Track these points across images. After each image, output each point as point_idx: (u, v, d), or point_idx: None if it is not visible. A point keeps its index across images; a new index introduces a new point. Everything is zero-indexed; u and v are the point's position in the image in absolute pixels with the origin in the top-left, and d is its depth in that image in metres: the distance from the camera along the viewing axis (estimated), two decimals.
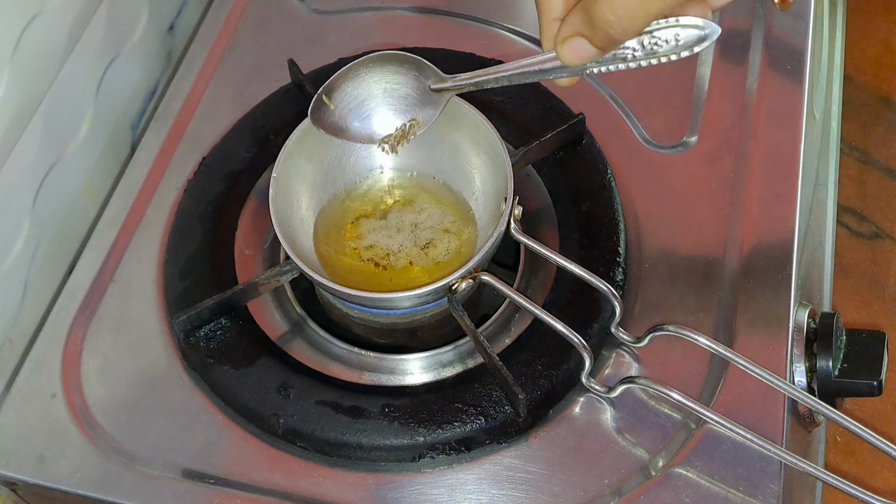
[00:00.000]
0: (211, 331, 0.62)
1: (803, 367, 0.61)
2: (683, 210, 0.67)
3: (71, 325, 0.65)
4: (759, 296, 0.63)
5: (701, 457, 0.57)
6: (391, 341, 0.65)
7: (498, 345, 0.62)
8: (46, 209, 0.68)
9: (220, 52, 0.78)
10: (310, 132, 0.63)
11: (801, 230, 0.66)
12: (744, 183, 0.68)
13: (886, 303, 0.94)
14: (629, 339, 0.61)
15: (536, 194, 0.68)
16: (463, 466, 0.58)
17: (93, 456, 0.59)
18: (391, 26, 0.79)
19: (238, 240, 0.67)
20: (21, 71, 0.63)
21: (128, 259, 0.67)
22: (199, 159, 0.71)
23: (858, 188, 1.01)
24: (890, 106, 1.05)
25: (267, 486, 0.58)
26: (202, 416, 0.61)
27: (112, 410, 0.61)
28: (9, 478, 0.60)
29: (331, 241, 0.64)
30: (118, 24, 0.74)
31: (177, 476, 0.59)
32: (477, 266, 0.58)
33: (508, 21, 0.78)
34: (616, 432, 0.59)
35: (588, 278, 0.59)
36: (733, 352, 0.57)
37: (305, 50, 0.76)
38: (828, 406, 0.56)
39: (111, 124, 0.76)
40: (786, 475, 0.57)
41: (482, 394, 0.59)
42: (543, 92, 0.72)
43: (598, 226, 0.65)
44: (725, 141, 0.70)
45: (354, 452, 0.58)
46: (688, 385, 0.60)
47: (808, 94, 0.72)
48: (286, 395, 0.60)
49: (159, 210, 0.69)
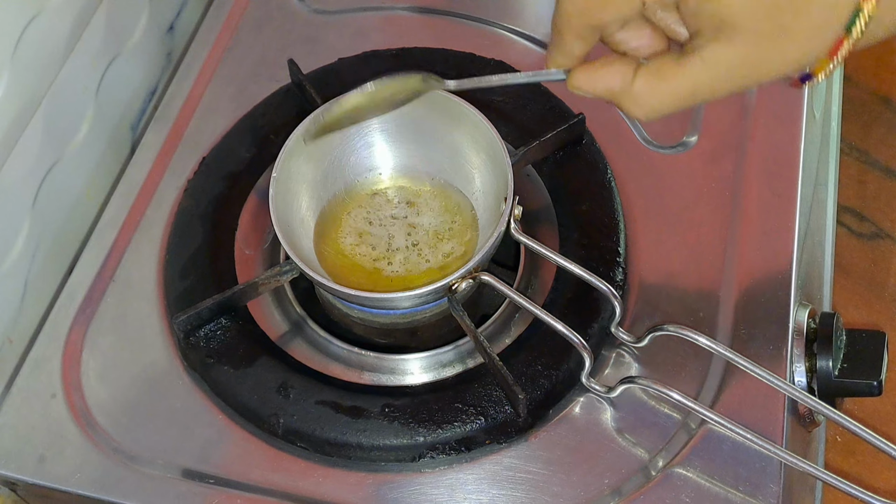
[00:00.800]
0: (211, 331, 0.62)
1: (803, 367, 0.61)
2: (683, 210, 0.67)
3: (71, 325, 0.65)
4: (759, 296, 0.63)
5: (701, 457, 0.57)
6: (391, 341, 0.65)
7: (498, 345, 0.62)
8: (46, 209, 0.68)
9: (220, 52, 0.78)
10: (310, 132, 0.63)
11: (801, 230, 0.66)
12: (744, 183, 0.68)
13: (886, 303, 0.94)
14: (629, 339, 0.61)
15: (536, 194, 0.68)
16: (463, 466, 0.58)
17: (93, 456, 0.59)
18: (391, 26, 0.79)
19: (238, 240, 0.67)
20: (21, 71, 0.63)
21: (128, 259, 0.67)
22: (199, 159, 0.71)
23: (858, 188, 1.01)
24: (890, 106, 1.05)
25: (267, 486, 0.58)
26: (202, 416, 0.61)
27: (112, 410, 0.61)
28: (9, 478, 0.60)
29: (331, 241, 0.64)
30: (118, 24, 0.74)
31: (177, 476, 0.59)
32: (477, 266, 0.58)
33: (508, 21, 0.78)
34: (616, 432, 0.59)
35: (588, 278, 0.59)
36: (733, 352, 0.57)
37: (305, 50, 0.76)
38: (828, 406, 0.56)
39: (111, 124, 0.76)
40: (786, 475, 0.57)
41: (482, 394, 0.59)
42: (543, 92, 0.72)
43: (598, 226, 0.65)
44: (725, 141, 0.70)
45: (354, 452, 0.58)
46: (688, 385, 0.60)
47: (808, 94, 0.72)
48: (286, 395, 0.60)
49: (159, 210, 0.69)
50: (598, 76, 0.47)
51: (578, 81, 0.47)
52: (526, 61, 0.74)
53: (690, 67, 0.44)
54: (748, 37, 0.42)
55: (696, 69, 0.43)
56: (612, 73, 0.46)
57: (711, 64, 0.43)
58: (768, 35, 0.42)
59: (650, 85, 0.45)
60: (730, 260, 0.65)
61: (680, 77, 0.44)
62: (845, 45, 0.42)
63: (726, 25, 0.42)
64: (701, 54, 0.43)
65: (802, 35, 0.42)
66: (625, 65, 0.46)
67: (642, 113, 0.46)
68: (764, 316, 0.62)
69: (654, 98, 0.45)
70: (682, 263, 0.65)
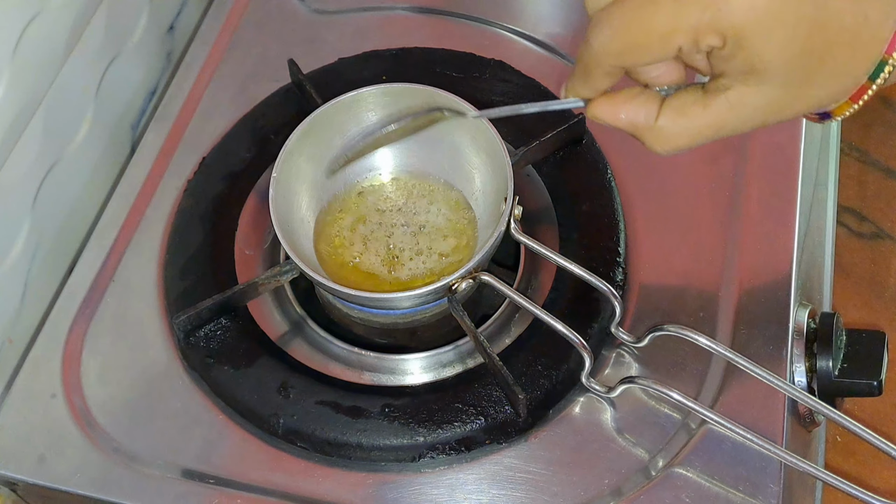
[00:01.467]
0: (211, 331, 0.62)
1: (803, 367, 0.61)
2: (683, 210, 0.67)
3: (71, 325, 0.65)
4: (759, 296, 0.63)
5: (701, 457, 0.57)
6: (391, 341, 0.65)
7: (498, 345, 0.62)
8: (46, 209, 0.68)
9: (220, 52, 0.78)
10: (310, 132, 0.63)
11: (801, 230, 0.66)
12: (744, 183, 0.68)
13: (886, 303, 0.94)
14: (629, 339, 0.61)
15: (536, 194, 0.68)
16: (463, 466, 0.58)
17: (93, 456, 0.59)
18: (391, 26, 0.79)
19: (238, 240, 0.67)
20: (21, 71, 0.63)
21: (128, 259, 0.67)
22: (199, 159, 0.71)
23: (858, 188, 1.01)
24: (890, 106, 1.05)
25: (267, 486, 0.58)
26: (202, 416, 0.61)
27: (112, 410, 0.61)
28: (9, 478, 0.60)
29: (331, 241, 0.64)
30: (118, 24, 0.74)
31: (177, 476, 0.59)
32: (477, 266, 0.58)
33: (508, 21, 0.78)
34: (616, 432, 0.59)
35: (588, 278, 0.59)
36: (733, 352, 0.57)
37: (305, 50, 0.76)
38: (828, 406, 0.56)
39: (111, 124, 0.76)
40: (786, 475, 0.57)
41: (482, 394, 0.59)
42: (543, 92, 0.72)
43: (598, 226, 0.65)
44: (725, 141, 0.69)
45: (354, 452, 0.58)
46: (688, 385, 0.60)
47: None
48: (286, 395, 0.60)
49: (159, 210, 0.69)
50: (620, 109, 0.46)
51: (601, 112, 0.47)
52: (526, 61, 0.74)
53: (716, 108, 0.44)
54: (776, 83, 0.42)
55: (721, 109, 0.44)
56: (635, 107, 0.46)
57: (737, 105, 0.43)
58: (796, 81, 0.42)
59: (674, 122, 0.45)
60: (730, 260, 0.65)
61: (705, 116, 0.44)
62: (869, 91, 0.43)
63: (756, 72, 0.42)
64: (727, 95, 0.43)
65: (829, 81, 0.43)
66: (648, 100, 0.45)
67: (664, 149, 0.46)
68: (764, 316, 0.62)
69: (677, 135, 0.45)
70: (682, 263, 0.65)
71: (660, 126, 0.45)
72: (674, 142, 0.45)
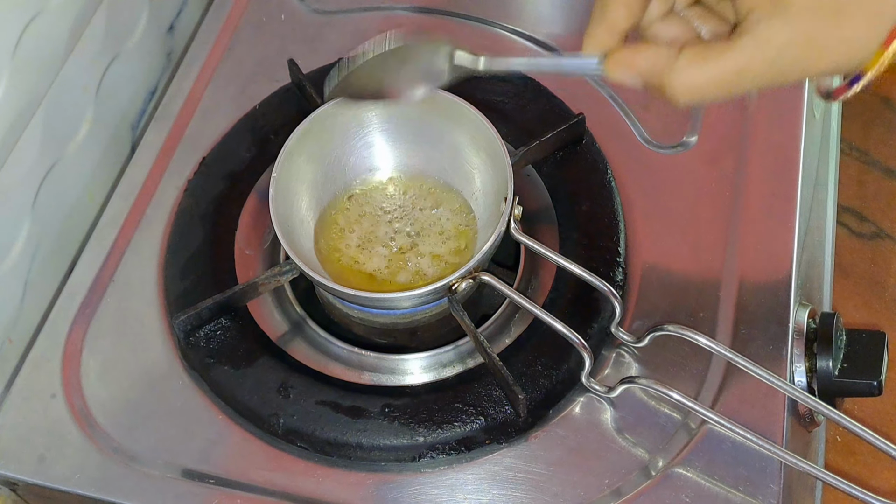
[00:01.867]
0: (211, 331, 0.62)
1: (803, 367, 0.61)
2: (683, 210, 0.67)
3: (71, 325, 0.65)
4: (759, 296, 0.63)
5: (701, 457, 0.57)
6: (391, 341, 0.65)
7: (498, 345, 0.62)
8: (46, 209, 0.68)
9: (220, 52, 0.78)
10: (310, 132, 0.63)
11: (801, 230, 0.66)
12: (744, 183, 0.68)
13: (886, 303, 0.94)
14: (629, 339, 0.61)
15: (536, 194, 0.68)
16: (463, 466, 0.58)
17: (93, 456, 0.59)
18: (391, 26, 0.79)
19: (238, 240, 0.67)
20: (21, 71, 0.63)
21: (128, 259, 0.67)
22: (199, 159, 0.71)
23: (858, 188, 1.01)
24: (890, 106, 1.05)
25: (267, 486, 0.58)
26: (202, 416, 0.61)
27: (112, 410, 0.61)
28: (9, 478, 0.60)
29: (331, 241, 0.64)
30: (118, 24, 0.74)
31: (177, 476, 0.59)
32: (477, 266, 0.58)
33: (508, 21, 0.78)
34: (616, 432, 0.59)
35: (588, 278, 0.59)
36: (733, 352, 0.57)
37: (305, 50, 0.76)
38: (828, 406, 0.56)
39: (111, 124, 0.76)
40: (786, 475, 0.57)
41: (482, 394, 0.59)
42: (543, 92, 0.72)
43: (598, 226, 0.65)
44: (725, 141, 0.70)
45: (354, 452, 0.58)
46: (688, 385, 0.60)
47: (808, 94, 0.72)
48: (286, 395, 0.60)
49: (159, 210, 0.69)
50: (639, 55, 0.44)
51: (618, 64, 0.45)
52: None
53: (741, 47, 0.42)
54: (805, 15, 0.41)
55: (746, 48, 0.42)
56: (654, 52, 0.44)
57: (763, 42, 0.42)
58: (825, 15, 0.41)
59: (695, 64, 0.43)
60: (730, 260, 0.65)
61: (728, 57, 0.42)
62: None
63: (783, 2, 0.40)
64: (753, 33, 0.42)
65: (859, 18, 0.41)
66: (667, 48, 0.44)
67: (685, 96, 0.44)
68: (764, 316, 0.62)
69: (699, 77, 0.43)
70: (682, 263, 0.65)
71: (680, 67, 0.43)
72: (694, 84, 0.43)
